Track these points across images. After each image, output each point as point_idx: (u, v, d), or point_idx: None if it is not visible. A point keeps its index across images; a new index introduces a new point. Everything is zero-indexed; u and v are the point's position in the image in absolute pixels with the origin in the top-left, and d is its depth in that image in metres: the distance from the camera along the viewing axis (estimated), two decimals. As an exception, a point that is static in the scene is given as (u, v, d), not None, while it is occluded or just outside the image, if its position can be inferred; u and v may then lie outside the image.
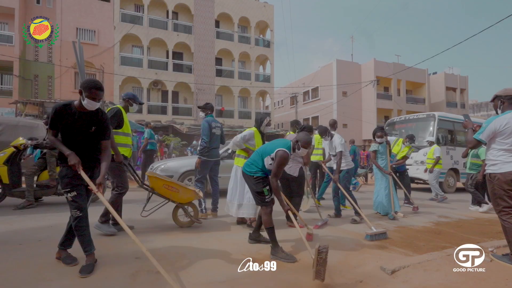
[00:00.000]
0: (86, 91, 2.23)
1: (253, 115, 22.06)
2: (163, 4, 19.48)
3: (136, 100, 3.63)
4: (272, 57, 23.05)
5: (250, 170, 2.86)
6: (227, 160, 6.32)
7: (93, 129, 2.35)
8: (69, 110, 2.26)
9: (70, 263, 2.37)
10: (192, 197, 3.59)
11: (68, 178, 2.29)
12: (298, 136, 2.87)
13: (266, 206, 2.80)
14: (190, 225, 3.71)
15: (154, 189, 3.50)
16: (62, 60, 16.83)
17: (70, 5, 17.40)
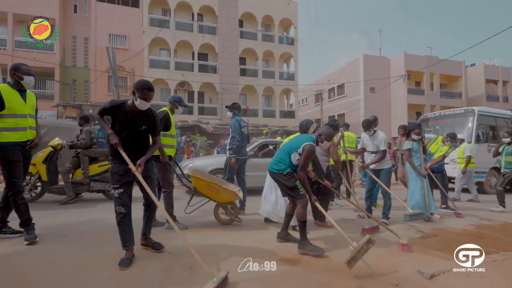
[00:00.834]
0: (139, 91, 2.35)
1: (278, 114, 21.97)
2: (188, 7, 19.98)
3: (182, 103, 3.80)
4: (296, 55, 22.77)
5: (279, 168, 2.92)
6: (253, 159, 6.37)
7: (143, 128, 2.49)
8: (124, 108, 2.41)
9: (159, 249, 2.66)
10: (232, 198, 3.69)
11: (118, 175, 2.44)
12: (321, 129, 2.97)
13: (302, 198, 2.84)
14: (230, 223, 3.83)
15: (196, 188, 3.66)
16: (97, 65, 17.88)
17: (103, 12, 18.42)
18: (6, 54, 16.32)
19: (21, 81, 2.85)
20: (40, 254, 2.59)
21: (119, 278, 2.15)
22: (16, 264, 2.35)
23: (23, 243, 2.80)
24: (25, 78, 2.85)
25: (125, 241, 2.45)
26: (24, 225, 2.89)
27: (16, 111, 2.81)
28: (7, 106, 2.73)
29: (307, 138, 2.90)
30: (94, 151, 5.26)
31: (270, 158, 6.48)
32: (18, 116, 2.83)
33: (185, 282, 2.14)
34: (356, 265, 2.35)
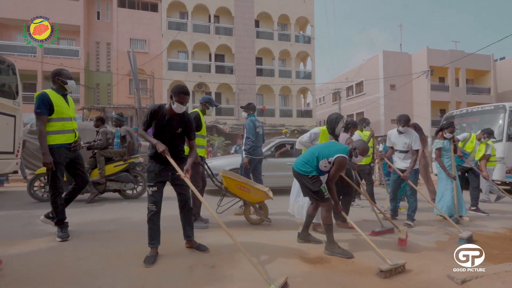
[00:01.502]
0: (176, 95, 2.45)
1: (294, 113, 21.79)
2: (205, 9, 20.26)
3: (212, 103, 3.85)
4: (313, 53, 22.49)
5: (305, 169, 2.86)
6: (269, 159, 6.36)
7: (180, 130, 2.59)
8: (162, 111, 2.52)
9: (204, 250, 2.70)
10: (262, 198, 3.69)
11: (154, 173, 2.55)
12: (357, 144, 2.83)
13: (326, 202, 2.79)
14: (260, 223, 3.84)
15: (227, 188, 3.72)
16: (118, 68, 18.53)
17: (124, 18, 19.06)
18: (36, 60, 17.29)
19: (65, 86, 3.03)
20: (70, 250, 2.72)
21: (144, 276, 2.21)
22: (49, 259, 2.47)
23: (56, 240, 2.95)
24: (69, 82, 3.05)
25: (152, 239, 2.53)
26: (59, 224, 3.05)
27: (63, 115, 2.99)
28: (55, 110, 2.92)
29: (341, 149, 2.80)
30: (110, 151, 5.42)
31: (288, 158, 6.54)
32: (65, 119, 3.01)
33: (208, 281, 2.16)
34: (381, 268, 2.28)
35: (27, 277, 2.13)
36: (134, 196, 5.76)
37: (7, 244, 2.79)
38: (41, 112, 2.85)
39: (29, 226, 3.54)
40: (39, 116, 2.86)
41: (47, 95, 2.90)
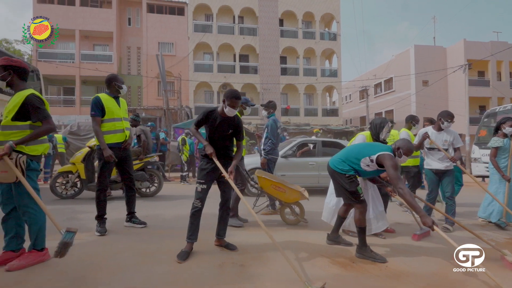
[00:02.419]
0: (228, 100, 2.58)
1: (320, 112, 21.40)
2: (229, 10, 20.51)
3: (249, 103, 3.92)
4: (339, 50, 21.92)
5: (342, 168, 2.74)
6: (291, 159, 6.27)
7: (230, 132, 2.72)
8: (214, 114, 2.68)
9: (233, 249, 2.74)
10: (298, 198, 3.66)
11: (205, 171, 2.68)
12: (400, 143, 2.63)
13: (361, 204, 2.68)
14: (296, 223, 3.80)
15: (262, 188, 3.74)
16: (148, 72, 19.35)
17: (153, 22, 19.86)
18: (74, 66, 18.55)
19: (120, 89, 3.33)
20: (107, 245, 2.87)
21: (176, 272, 2.28)
22: (89, 252, 2.63)
23: (95, 234, 3.14)
24: (123, 86, 3.35)
25: (190, 234, 2.64)
26: (99, 219, 3.25)
27: (113, 115, 3.24)
28: (107, 111, 3.19)
29: (384, 148, 2.64)
30: None
31: (310, 158, 6.40)
32: (115, 120, 3.26)
33: (239, 279, 2.18)
34: (417, 273, 2.16)
35: (71, 269, 2.28)
36: (150, 194, 5.90)
37: (52, 237, 3.01)
38: (95, 114, 3.15)
39: (71, 221, 3.81)
40: (93, 118, 3.17)
41: (100, 99, 3.18)
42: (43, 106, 2.32)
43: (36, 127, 2.30)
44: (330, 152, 6.65)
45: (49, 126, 2.31)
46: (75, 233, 2.12)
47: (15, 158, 2.16)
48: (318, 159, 6.38)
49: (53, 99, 18.72)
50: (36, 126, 2.31)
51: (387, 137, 3.25)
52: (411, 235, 3.36)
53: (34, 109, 2.26)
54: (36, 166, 2.37)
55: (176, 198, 5.92)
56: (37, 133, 2.27)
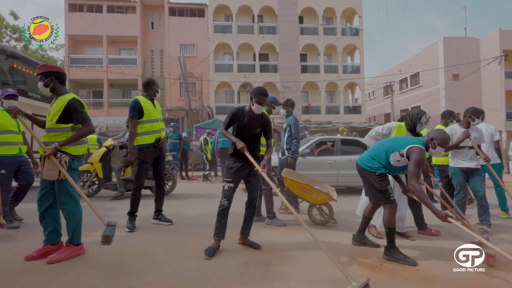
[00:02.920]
0: (256, 97, 2.60)
1: (342, 110, 20.91)
2: (249, 10, 20.57)
3: (277, 102, 3.94)
4: (361, 46, 21.27)
5: (372, 165, 2.63)
6: (308, 157, 6.17)
7: (258, 131, 2.74)
8: (242, 113, 2.71)
9: (257, 248, 2.74)
10: (325, 199, 3.60)
11: (233, 170, 2.71)
12: (434, 133, 2.49)
13: (391, 204, 2.57)
14: (324, 224, 3.75)
15: (289, 189, 3.73)
16: (170, 73, 19.90)
17: (175, 25, 20.37)
18: (102, 70, 19.49)
19: (156, 93, 3.55)
20: (136, 241, 2.99)
21: (201, 269, 2.32)
22: (120, 248, 2.75)
23: (125, 230, 3.29)
24: (159, 90, 3.58)
25: (218, 232, 2.68)
26: (131, 215, 3.41)
27: (151, 116, 3.42)
28: (145, 113, 3.36)
29: (415, 140, 2.49)
30: None
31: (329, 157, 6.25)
32: (153, 121, 3.44)
33: (264, 278, 2.18)
34: (451, 278, 2.05)
35: (104, 263, 2.40)
36: (165, 193, 5.97)
37: (87, 233, 3.18)
38: (132, 116, 3.33)
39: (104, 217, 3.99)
40: (131, 120, 3.35)
41: (139, 101, 3.36)
42: (83, 109, 2.48)
43: (77, 129, 2.46)
44: (349, 151, 6.51)
45: (89, 128, 2.48)
46: (114, 226, 2.31)
47: (59, 158, 2.33)
48: (337, 157, 6.25)
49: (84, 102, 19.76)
50: (77, 128, 2.47)
51: (421, 130, 3.09)
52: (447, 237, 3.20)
53: (76, 112, 2.42)
54: (76, 166, 2.53)
55: (199, 196, 6.04)
56: (79, 135, 2.44)
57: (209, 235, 3.02)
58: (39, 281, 2.05)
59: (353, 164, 6.09)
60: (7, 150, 3.30)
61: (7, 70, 6.04)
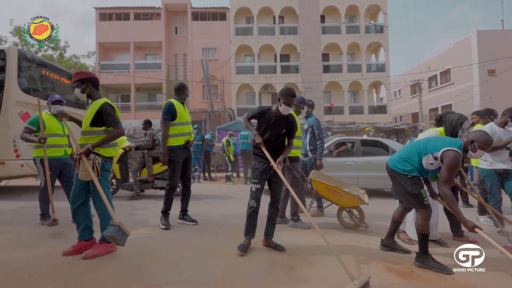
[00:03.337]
0: (284, 98, 2.61)
1: (366, 110, 20.28)
2: (270, 11, 20.60)
3: (306, 102, 3.92)
4: (386, 43, 20.52)
5: (403, 168, 2.49)
6: (326, 158, 6.02)
7: (283, 132, 2.76)
8: (269, 113, 2.74)
9: (281, 250, 2.72)
10: (356, 202, 3.49)
11: (258, 171, 2.76)
12: (475, 135, 2.31)
13: (425, 209, 2.42)
14: (355, 228, 3.62)
15: (317, 191, 3.68)
16: (193, 76, 20.39)
17: (198, 29, 20.87)
18: (129, 75, 20.38)
19: (187, 97, 3.66)
20: (163, 239, 3.08)
21: (226, 268, 2.35)
22: (148, 245, 2.85)
23: (160, 227, 3.43)
24: (188, 94, 3.70)
25: (248, 231, 2.74)
26: (164, 213, 3.55)
27: (182, 119, 3.56)
28: (178, 116, 3.49)
29: (451, 142, 2.31)
30: (157, 152, 5.84)
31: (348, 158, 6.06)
32: (184, 124, 3.57)
33: (289, 280, 2.16)
34: None
35: (134, 260, 2.49)
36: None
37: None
38: (166, 117, 3.45)
39: (132, 216, 4.18)
40: (164, 121, 3.47)
41: (173, 104, 3.48)
42: (114, 113, 2.61)
43: (109, 132, 2.59)
44: (370, 152, 6.31)
45: (119, 131, 2.59)
46: (118, 227, 2.32)
47: (92, 159, 2.47)
48: (357, 159, 6.05)
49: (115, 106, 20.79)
50: (109, 131, 2.60)
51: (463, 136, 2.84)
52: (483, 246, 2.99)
53: (107, 116, 2.55)
54: (108, 167, 2.66)
55: (222, 197, 6.12)
56: (109, 137, 2.56)
57: (233, 236, 3.06)
58: (77, 275, 2.18)
59: (373, 165, 6.09)
60: (53, 152, 3.52)
61: (37, 77, 6.49)
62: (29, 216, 4.08)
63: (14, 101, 5.65)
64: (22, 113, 5.77)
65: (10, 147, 5.55)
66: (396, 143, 6.54)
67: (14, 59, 5.72)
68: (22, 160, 5.70)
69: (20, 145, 5.64)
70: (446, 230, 3.33)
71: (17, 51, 5.83)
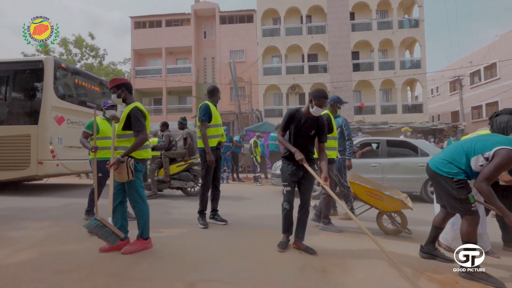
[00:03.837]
0: (316, 99, 2.58)
1: (400, 109, 19.28)
2: (297, 11, 20.41)
3: (341, 102, 3.85)
4: (422, 38, 19.36)
5: (448, 170, 2.30)
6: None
7: (313, 133, 2.73)
8: (299, 114, 2.73)
9: (312, 253, 2.65)
10: (398, 207, 3.26)
11: (288, 174, 2.77)
12: None
13: (472, 215, 2.23)
14: (397, 234, 3.38)
15: (356, 195, 3.52)
16: (221, 79, 20.81)
17: (225, 33, 21.29)
18: (161, 79, 21.32)
19: (219, 99, 3.78)
20: (194, 238, 3.16)
21: (257, 269, 2.35)
22: (183, 244, 2.95)
23: (199, 227, 3.55)
24: (220, 97, 3.79)
25: (285, 230, 2.81)
26: (201, 214, 3.66)
27: (217, 121, 3.67)
28: (213, 117, 3.60)
29: (506, 141, 2.12)
30: (173, 153, 5.97)
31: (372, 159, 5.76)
32: (217, 125, 3.69)
33: (320, 285, 2.11)
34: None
35: (168, 257, 2.59)
36: (195, 194, 6.19)
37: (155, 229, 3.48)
38: (205, 119, 3.55)
39: (167, 215, 4.34)
40: (203, 123, 3.56)
41: (209, 106, 3.59)
42: (141, 118, 2.67)
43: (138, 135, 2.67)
44: (397, 153, 5.99)
45: (142, 137, 2.65)
46: (97, 221, 2.47)
47: (126, 161, 2.60)
48: (382, 160, 5.76)
49: (146, 109, 21.89)
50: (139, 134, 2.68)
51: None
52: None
53: (134, 119, 2.65)
54: (141, 168, 2.76)
55: (250, 198, 6.16)
56: (134, 146, 2.62)
57: (263, 238, 3.07)
58: (119, 268, 2.32)
59: (400, 167, 5.82)
60: (106, 154, 3.75)
61: (72, 85, 7.09)
62: (75, 211, 4.44)
63: (51, 106, 6.20)
64: (57, 117, 6.35)
65: (47, 148, 6.08)
66: (427, 144, 6.14)
67: (50, 69, 6.24)
68: (57, 160, 6.27)
69: (56, 146, 6.23)
70: (497, 239, 3.05)
71: (53, 61, 6.32)
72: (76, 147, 6.59)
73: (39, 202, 5.29)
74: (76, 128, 6.73)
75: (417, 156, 5.73)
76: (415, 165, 5.62)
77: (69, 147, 6.55)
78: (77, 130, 6.66)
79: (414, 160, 5.68)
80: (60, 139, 6.35)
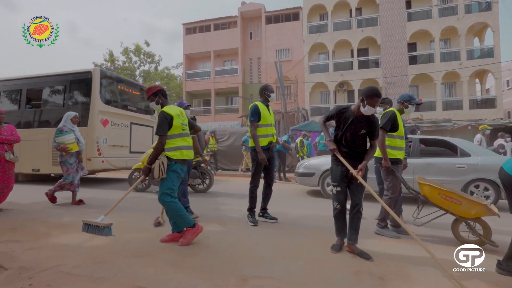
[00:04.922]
0: (369, 98, 2.45)
1: (466, 104, 17.14)
2: (345, 5, 19.52)
3: (413, 101, 3.53)
4: (496, 22, 16.90)
5: None
6: None
7: (362, 132, 2.63)
8: (347, 113, 2.67)
9: (368, 258, 2.51)
10: (481, 213, 2.82)
11: (336, 173, 2.75)
12: None
13: None
14: (480, 246, 2.77)
15: (427, 197, 3.13)
16: (267, 78, 20.96)
17: (271, 32, 21.38)
18: (209, 81, 22.33)
19: (268, 98, 3.75)
20: (244, 236, 3.22)
21: (309, 270, 2.31)
22: (234, 240, 3.05)
23: (249, 224, 3.64)
24: (271, 95, 3.76)
25: (338, 232, 2.76)
26: (250, 211, 3.76)
27: (266, 121, 3.71)
28: (262, 118, 3.66)
29: None
30: None
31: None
32: (267, 125, 3.74)
33: (379, 293, 1.99)
34: None
35: (223, 251, 2.71)
36: (203, 190, 6.40)
37: (209, 224, 3.68)
38: (253, 119, 3.62)
39: (217, 211, 4.54)
40: (252, 123, 3.64)
41: (258, 107, 3.66)
42: (163, 123, 2.72)
43: (169, 137, 2.79)
44: (431, 152, 5.38)
45: (159, 142, 2.73)
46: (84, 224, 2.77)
47: (160, 159, 2.74)
48: (413, 160, 5.16)
49: (196, 110, 23.16)
50: (171, 135, 2.80)
51: None
52: None
53: (157, 123, 2.76)
54: (176, 168, 2.78)
55: (296, 197, 6.11)
56: (154, 154, 2.74)
57: (315, 238, 3.03)
58: (179, 257, 2.52)
59: (435, 168, 5.20)
60: None
61: (117, 91, 7.93)
62: (139, 203, 4.89)
63: (97, 110, 7.02)
64: (103, 120, 7.16)
65: (94, 147, 6.92)
66: (469, 143, 5.34)
67: (97, 78, 7.10)
68: (102, 157, 7.10)
69: (101, 145, 7.07)
70: None
71: (99, 71, 7.19)
72: (118, 146, 7.51)
73: (109, 195, 5.98)
74: (119, 129, 7.60)
75: (456, 156, 5.13)
76: (452, 166, 5.03)
77: (112, 146, 7.40)
78: (119, 131, 7.62)
79: (452, 161, 5.08)
80: (105, 139, 7.19)
